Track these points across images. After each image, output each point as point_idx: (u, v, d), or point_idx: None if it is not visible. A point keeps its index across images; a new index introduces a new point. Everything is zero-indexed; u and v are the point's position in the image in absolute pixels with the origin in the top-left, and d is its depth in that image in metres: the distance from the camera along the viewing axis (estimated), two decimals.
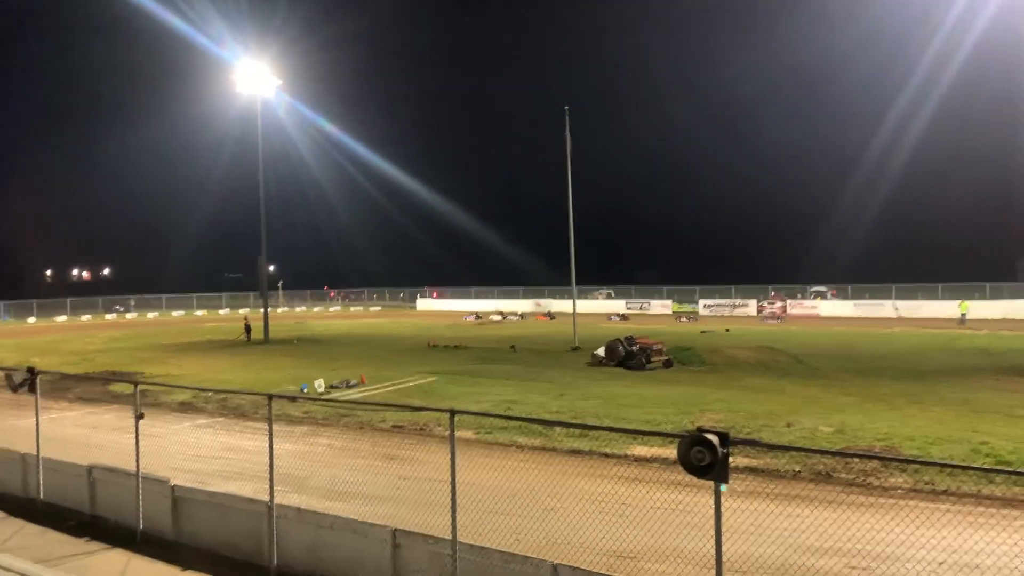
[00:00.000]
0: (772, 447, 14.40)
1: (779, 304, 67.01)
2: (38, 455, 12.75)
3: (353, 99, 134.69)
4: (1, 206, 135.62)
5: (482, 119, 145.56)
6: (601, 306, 74.22)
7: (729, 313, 67.89)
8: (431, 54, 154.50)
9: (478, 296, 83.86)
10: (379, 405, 17.77)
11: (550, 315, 69.13)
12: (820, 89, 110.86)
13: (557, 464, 14.39)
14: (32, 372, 13.10)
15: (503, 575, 7.62)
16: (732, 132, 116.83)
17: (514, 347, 38.43)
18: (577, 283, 43.29)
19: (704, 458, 5.93)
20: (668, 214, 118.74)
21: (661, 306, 72.45)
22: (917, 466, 13.11)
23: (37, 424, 12.80)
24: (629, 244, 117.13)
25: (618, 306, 74.27)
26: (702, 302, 70.67)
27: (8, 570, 8.36)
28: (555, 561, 7.43)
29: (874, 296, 64.91)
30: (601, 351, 31.72)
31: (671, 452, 14.77)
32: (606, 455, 15.10)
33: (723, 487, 6.27)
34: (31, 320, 73.07)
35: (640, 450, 15.22)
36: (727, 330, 47.71)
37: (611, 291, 79.39)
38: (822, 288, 71.46)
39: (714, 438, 5.95)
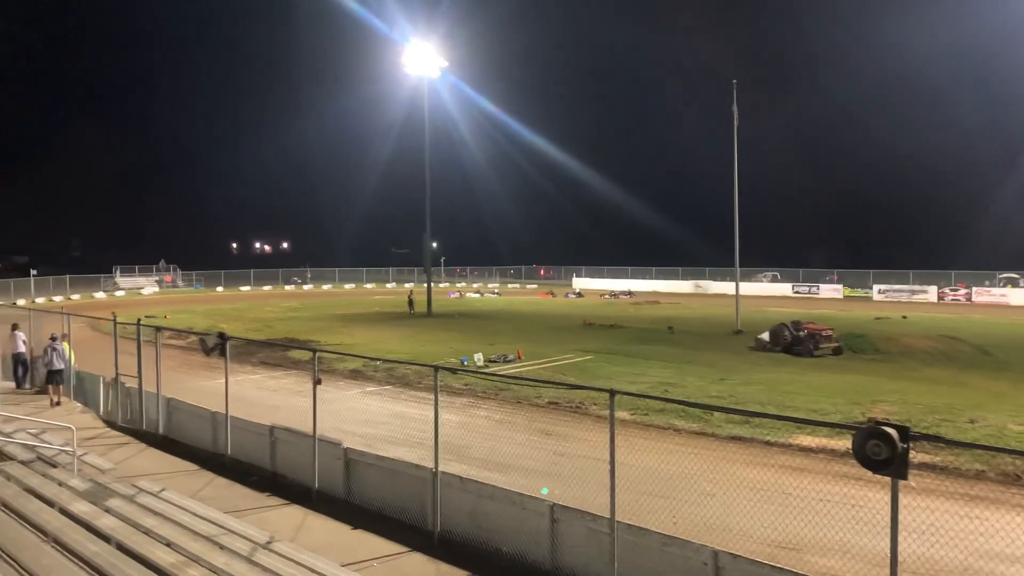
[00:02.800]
0: (956, 444, 13.36)
1: (963, 291, 61.99)
2: (227, 414, 13.87)
3: (514, 78, 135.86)
4: (195, 187, 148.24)
5: (644, 97, 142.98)
6: (765, 288, 71.47)
7: (907, 299, 63.51)
8: (592, 32, 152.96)
9: (634, 276, 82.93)
10: (538, 382, 18.01)
11: (551, 294, 71.74)
12: (995, 63, 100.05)
13: (716, 450, 14.05)
14: (223, 337, 14.23)
15: (661, 557, 7.54)
16: (903, 109, 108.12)
17: (672, 328, 37.75)
18: (740, 264, 41.86)
19: (881, 452, 5.58)
20: (839, 195, 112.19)
21: (831, 290, 68.78)
22: None
23: (226, 385, 13.92)
24: (797, 225, 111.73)
25: (784, 289, 71.26)
26: (876, 287, 66.50)
27: (202, 518, 9.16)
28: (716, 547, 7.27)
29: None
30: (765, 335, 30.58)
31: (839, 443, 14.12)
32: (769, 443, 14.59)
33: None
34: (219, 289, 79.37)
35: (806, 440, 14.60)
36: (904, 317, 44.59)
37: (776, 273, 76.22)
38: (1014, 275, 65.32)
39: (893, 432, 5.59)
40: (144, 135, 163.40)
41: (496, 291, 76.65)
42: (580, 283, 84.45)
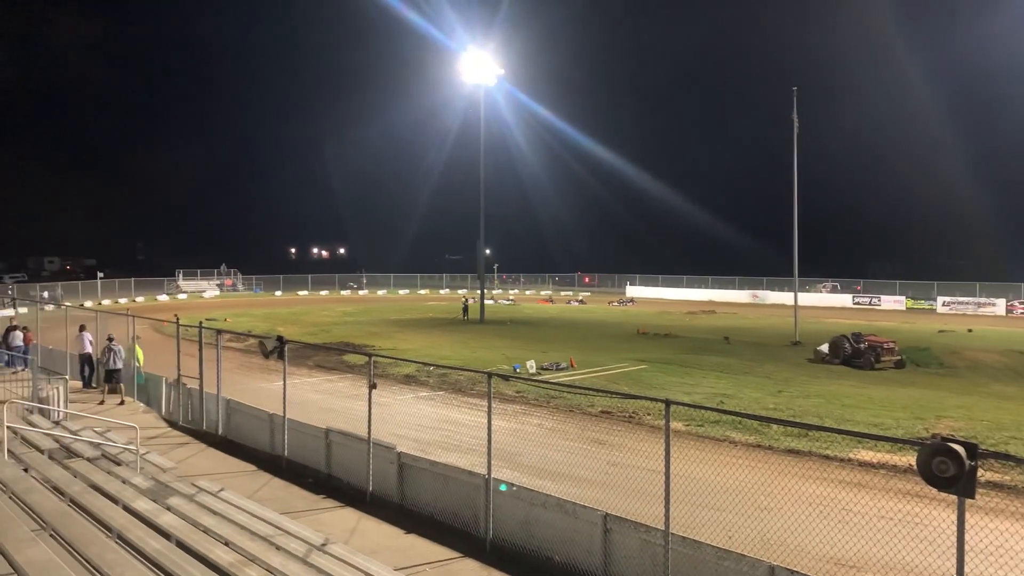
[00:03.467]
0: None
1: None
2: (284, 416, 14.11)
3: (570, 84, 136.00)
4: (256, 193, 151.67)
5: (703, 102, 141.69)
6: (824, 299, 69.97)
7: (973, 312, 61.49)
8: (650, 36, 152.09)
9: (689, 285, 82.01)
10: (590, 390, 17.90)
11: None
12: None
13: (773, 463, 13.78)
14: (281, 341, 14.49)
15: (716, 571, 7.42)
16: (972, 119, 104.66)
17: (728, 338, 37.25)
18: (799, 274, 41.09)
19: (948, 469, 5.41)
20: (902, 204, 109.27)
21: (893, 302, 66.97)
22: None
23: (284, 388, 14.17)
24: (858, 235, 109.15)
25: (843, 300, 69.66)
26: (941, 299, 64.52)
27: (259, 518, 9.32)
28: (772, 562, 7.13)
29: None
30: (825, 347, 29.97)
31: (900, 459, 13.75)
32: (827, 457, 14.27)
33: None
34: (277, 293, 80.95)
35: (866, 455, 14.24)
36: (969, 330, 43.20)
37: (836, 283, 74.52)
38: None
39: (960, 449, 5.41)
40: (207, 145, 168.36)
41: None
42: (634, 291, 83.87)
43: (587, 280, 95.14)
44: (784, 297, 61.35)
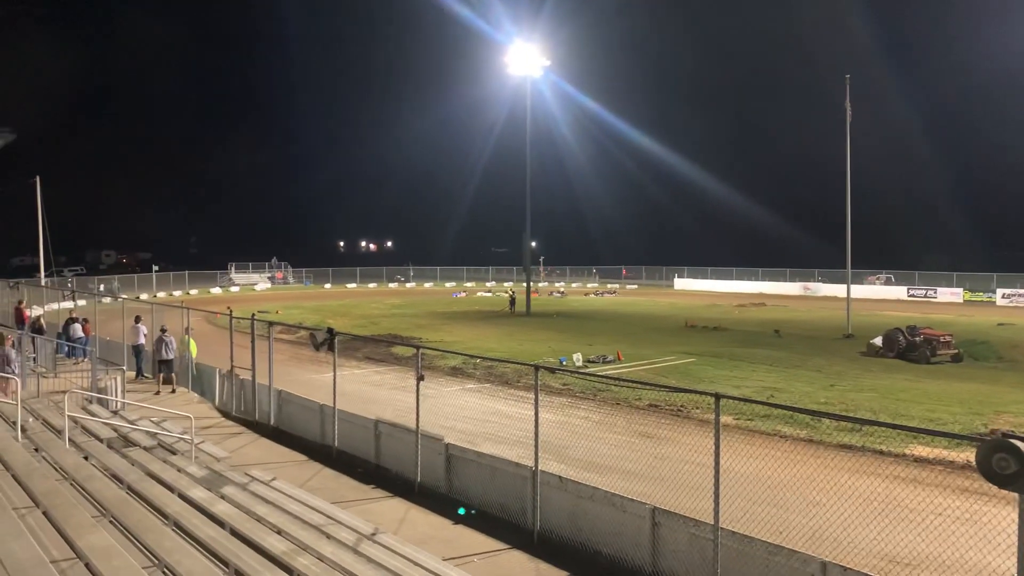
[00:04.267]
0: None
1: None
2: (334, 407, 14.32)
3: (616, 75, 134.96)
4: (305, 187, 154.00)
5: (753, 91, 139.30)
6: (878, 291, 68.42)
7: None
8: (698, 26, 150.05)
9: (739, 277, 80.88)
10: (638, 383, 17.81)
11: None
12: None
13: (824, 458, 13.54)
14: (331, 333, 14.71)
15: (766, 567, 7.34)
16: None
17: (778, 331, 36.67)
18: (852, 266, 40.26)
19: (1009, 466, 5.26)
20: (959, 196, 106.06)
21: (950, 294, 65.21)
22: None
23: (334, 380, 14.37)
24: (914, 226, 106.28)
25: (898, 292, 68.05)
26: (1000, 291, 62.59)
27: (310, 507, 9.49)
28: (824, 558, 7.02)
29: None
30: (878, 340, 29.34)
31: (958, 455, 13.41)
32: (881, 453, 13.98)
33: None
34: (327, 286, 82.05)
35: (921, 450, 13.92)
36: None
37: (890, 275, 72.81)
38: None
39: (1022, 445, 5.26)
40: (257, 140, 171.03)
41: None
42: (682, 284, 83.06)
43: (624, 273, 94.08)
44: (836, 289, 60.02)
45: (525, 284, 53.31)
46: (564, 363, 25.07)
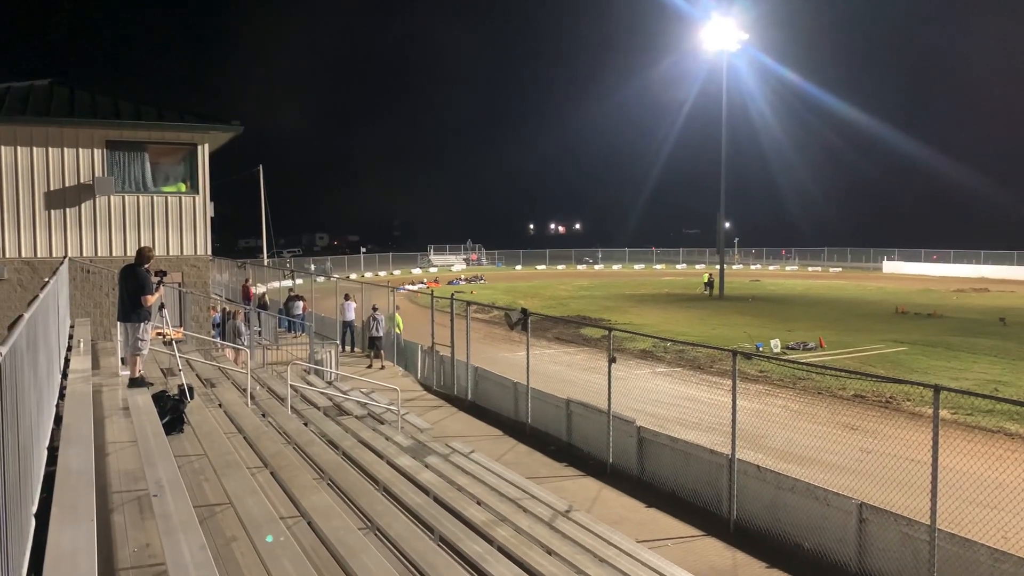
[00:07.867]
0: None
1: None
2: (528, 386, 14.69)
3: (821, 48, 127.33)
4: (498, 172, 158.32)
5: (969, 64, 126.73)
6: None
7: None
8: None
9: (957, 260, 73.98)
10: (843, 372, 16.83)
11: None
12: None
13: None
14: (525, 313, 15.08)
15: (990, 575, 6.76)
16: None
17: (1004, 319, 33.28)
18: None
19: None
20: None
21: None
22: None
23: (528, 359, 14.74)
24: None
25: None
26: None
27: (507, 481, 9.82)
28: None
29: None
30: None
31: None
32: None
33: None
34: (517, 267, 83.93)
35: None
36: None
37: None
38: None
39: None
40: (455, 129, 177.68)
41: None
42: (892, 267, 77.26)
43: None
44: None
45: (719, 267, 51.80)
46: (760, 348, 24.17)
